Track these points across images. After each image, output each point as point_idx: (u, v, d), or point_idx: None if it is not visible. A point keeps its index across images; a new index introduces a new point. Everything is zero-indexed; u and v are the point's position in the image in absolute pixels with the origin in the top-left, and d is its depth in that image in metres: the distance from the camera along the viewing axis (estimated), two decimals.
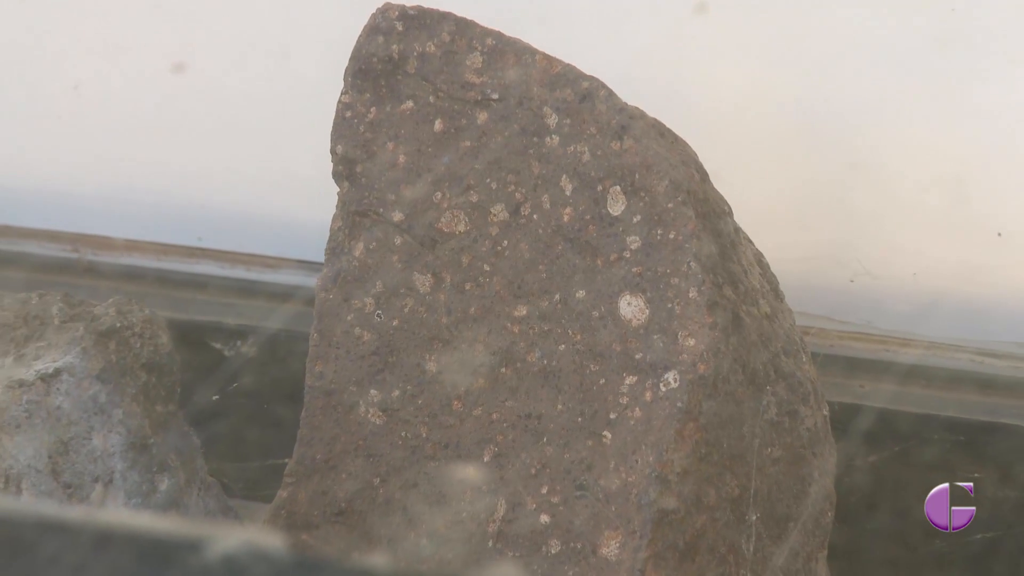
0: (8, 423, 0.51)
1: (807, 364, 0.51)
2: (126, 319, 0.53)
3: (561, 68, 0.49)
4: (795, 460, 0.49)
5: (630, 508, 0.47)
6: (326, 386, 0.52)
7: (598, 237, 0.48)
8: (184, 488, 0.54)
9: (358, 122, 0.51)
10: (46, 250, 0.66)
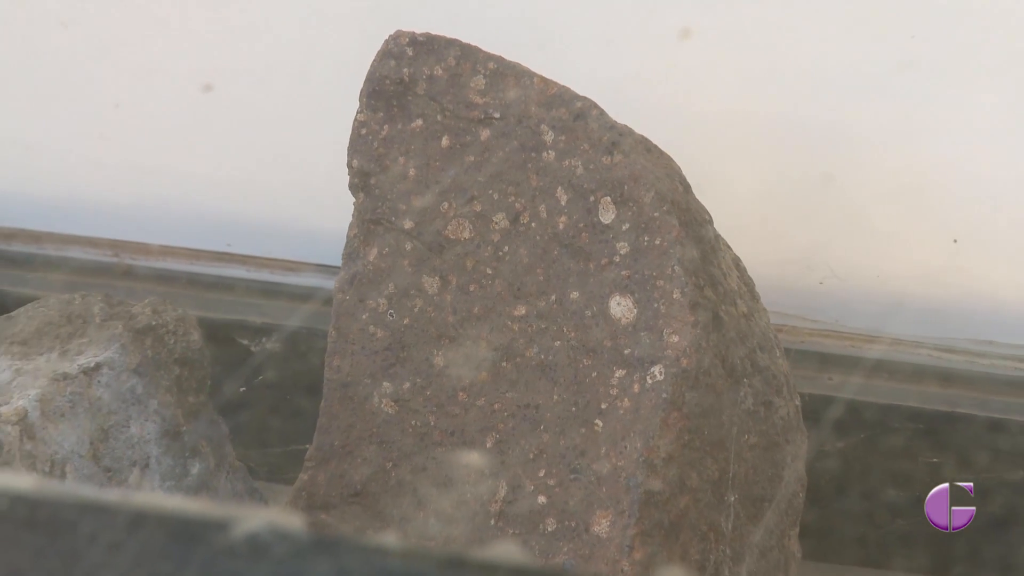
0: (53, 412, 0.50)
1: (781, 359, 0.51)
2: (161, 318, 0.53)
3: (557, 89, 0.49)
4: (770, 446, 0.49)
5: (619, 490, 0.47)
6: (343, 379, 0.52)
7: (590, 243, 0.48)
8: (214, 472, 0.54)
9: (372, 138, 0.51)
10: (88, 255, 0.66)
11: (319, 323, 0.59)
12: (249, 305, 0.64)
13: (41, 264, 0.66)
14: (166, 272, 0.65)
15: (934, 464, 0.59)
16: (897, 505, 0.60)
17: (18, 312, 0.55)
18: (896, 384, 0.60)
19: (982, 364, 0.60)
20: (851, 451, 0.59)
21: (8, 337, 0.53)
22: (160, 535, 0.29)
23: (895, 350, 0.60)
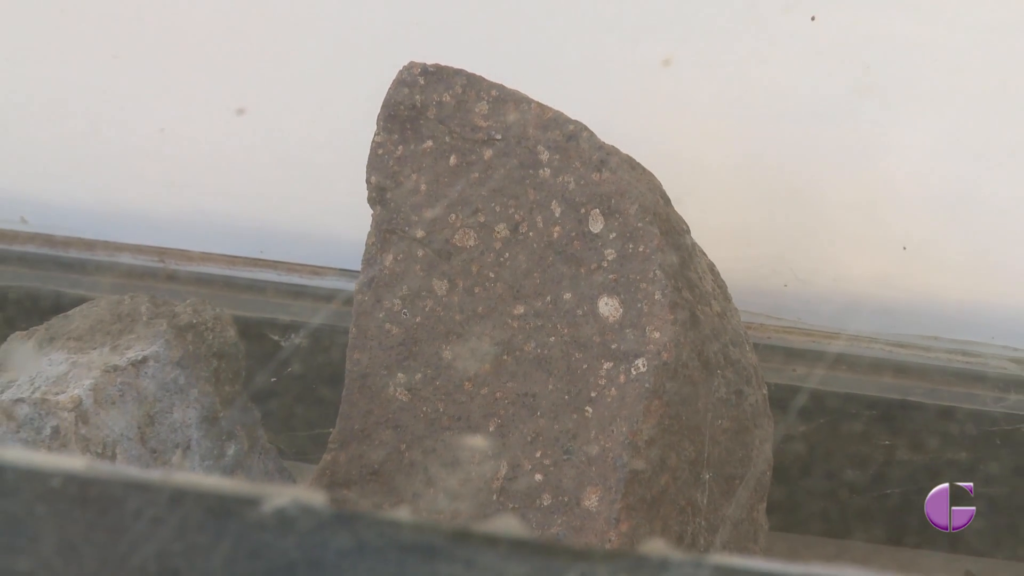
0: (105, 400, 0.50)
1: (750, 353, 0.51)
2: (200, 316, 0.53)
3: (552, 114, 0.49)
4: (741, 430, 0.50)
5: (607, 469, 0.47)
6: (362, 370, 0.52)
7: (581, 250, 0.48)
8: (247, 453, 0.54)
9: (388, 157, 0.51)
10: (136, 260, 0.66)
11: (341, 321, 0.59)
12: (278, 305, 0.64)
13: (94, 268, 0.66)
14: (205, 276, 0.65)
15: (888, 447, 0.59)
16: (855, 483, 0.60)
17: (73, 311, 0.55)
18: (854, 375, 0.60)
19: (930, 357, 0.60)
20: (814, 435, 0.59)
21: (65, 334, 0.53)
22: (198, 510, 0.29)
23: (853, 345, 0.60)
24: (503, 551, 0.29)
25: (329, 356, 0.61)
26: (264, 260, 0.66)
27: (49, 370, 0.51)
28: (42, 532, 0.28)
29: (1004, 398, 0.59)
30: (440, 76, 0.50)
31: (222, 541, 0.28)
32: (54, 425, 0.49)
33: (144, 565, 0.27)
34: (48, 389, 0.50)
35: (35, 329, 0.54)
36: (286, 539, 0.28)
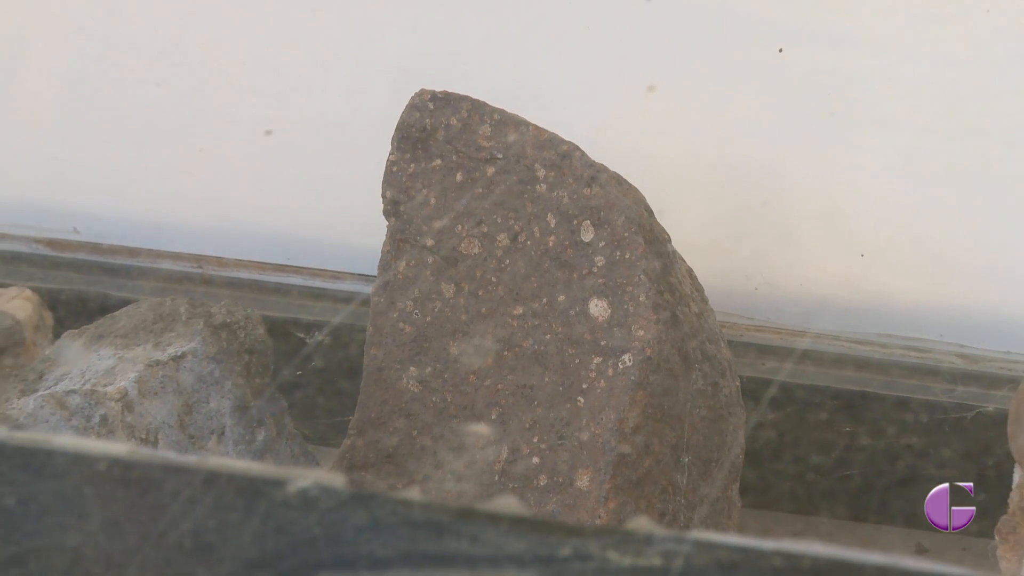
0: (149, 391, 0.50)
1: (725, 349, 0.51)
2: (233, 316, 0.53)
3: (547, 135, 0.49)
4: (716, 418, 0.50)
5: (597, 453, 0.47)
6: (378, 364, 0.52)
7: (574, 257, 0.48)
8: (275, 439, 0.54)
9: (401, 174, 0.51)
10: (175, 266, 0.66)
11: (359, 320, 0.59)
12: (303, 306, 0.64)
13: (137, 273, 0.66)
14: (237, 280, 0.65)
15: (850, 433, 0.59)
16: (820, 466, 0.60)
17: (120, 312, 0.55)
18: (818, 369, 0.60)
19: (886, 353, 0.60)
20: (782, 422, 0.59)
21: (112, 332, 0.53)
22: (230, 490, 0.29)
23: (817, 342, 0.60)
24: (504, 528, 0.28)
25: (348, 352, 0.61)
26: (290, 266, 0.66)
27: (98, 364, 0.51)
28: (89, 511, 0.28)
29: (953, 389, 0.58)
30: (448, 101, 0.50)
31: (251, 519, 0.28)
32: (102, 414, 0.49)
33: (181, 541, 0.27)
34: (97, 381, 0.50)
35: (85, 328, 0.54)
36: (309, 517, 0.28)
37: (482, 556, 0.27)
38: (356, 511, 0.28)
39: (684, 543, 0.27)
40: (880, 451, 0.58)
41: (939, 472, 0.58)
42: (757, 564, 0.27)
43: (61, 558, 0.26)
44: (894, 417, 0.58)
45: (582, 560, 0.27)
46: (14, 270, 0.65)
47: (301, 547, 0.27)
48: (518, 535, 0.28)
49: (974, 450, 0.57)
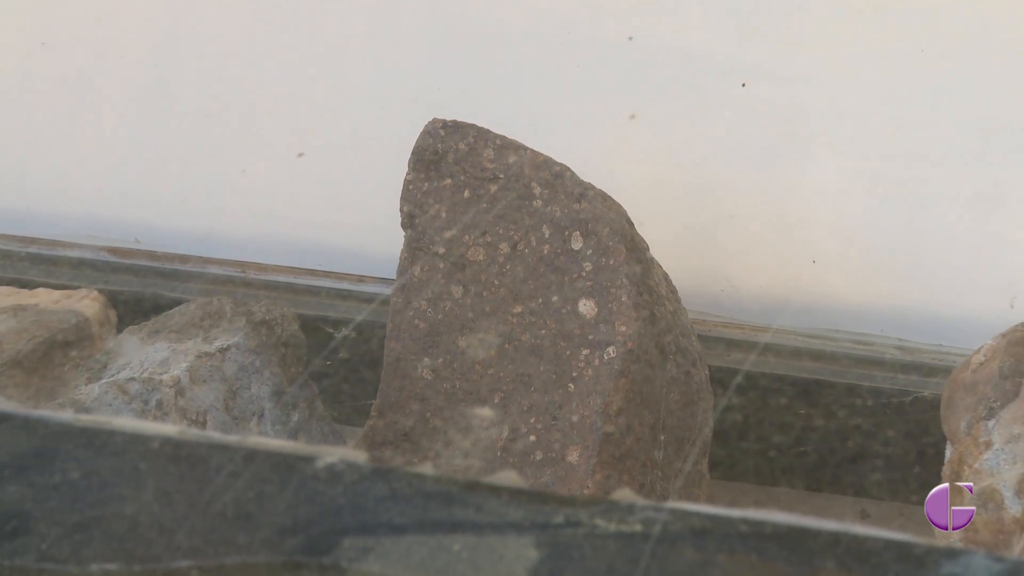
0: (198, 379, 0.50)
1: (696, 342, 0.51)
2: (271, 314, 0.53)
3: (543, 158, 0.49)
4: (689, 403, 0.49)
5: (586, 432, 0.46)
6: (396, 356, 0.52)
7: (566, 263, 0.48)
8: (307, 420, 0.53)
9: (416, 191, 0.51)
10: (221, 271, 0.66)
11: (379, 318, 0.59)
12: (331, 305, 0.63)
13: (187, 277, 0.65)
14: (274, 282, 0.65)
15: (806, 415, 0.59)
16: (780, 444, 0.59)
17: (173, 311, 0.54)
18: (779, 360, 0.60)
19: (836, 346, 0.60)
20: (747, 406, 0.59)
21: (167, 328, 0.53)
22: (266, 466, 0.29)
23: (777, 337, 0.60)
24: (505, 498, 0.28)
25: (370, 345, 0.60)
26: (320, 270, 0.66)
27: (154, 356, 0.51)
28: (144, 483, 0.27)
29: (894, 377, 0.58)
30: (456, 129, 0.50)
31: (285, 490, 0.28)
32: (158, 398, 0.49)
33: (223, 510, 0.27)
34: (154, 370, 0.50)
35: (143, 324, 0.54)
36: (335, 488, 0.28)
37: (486, 523, 0.27)
38: (377, 484, 0.28)
39: (662, 512, 0.27)
40: (832, 431, 0.58)
41: (884, 449, 0.57)
42: (725, 530, 0.26)
43: (119, 525, 0.26)
44: (844, 402, 0.58)
45: (573, 527, 0.27)
46: (83, 274, 0.65)
47: (328, 515, 0.27)
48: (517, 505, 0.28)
49: (913, 430, 0.57)
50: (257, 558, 0.27)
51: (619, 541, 0.27)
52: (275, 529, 0.27)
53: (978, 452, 0.45)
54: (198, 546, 0.27)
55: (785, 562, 0.27)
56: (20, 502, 0.27)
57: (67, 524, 0.27)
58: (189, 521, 0.27)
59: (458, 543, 0.27)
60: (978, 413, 0.45)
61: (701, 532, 0.27)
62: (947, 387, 0.48)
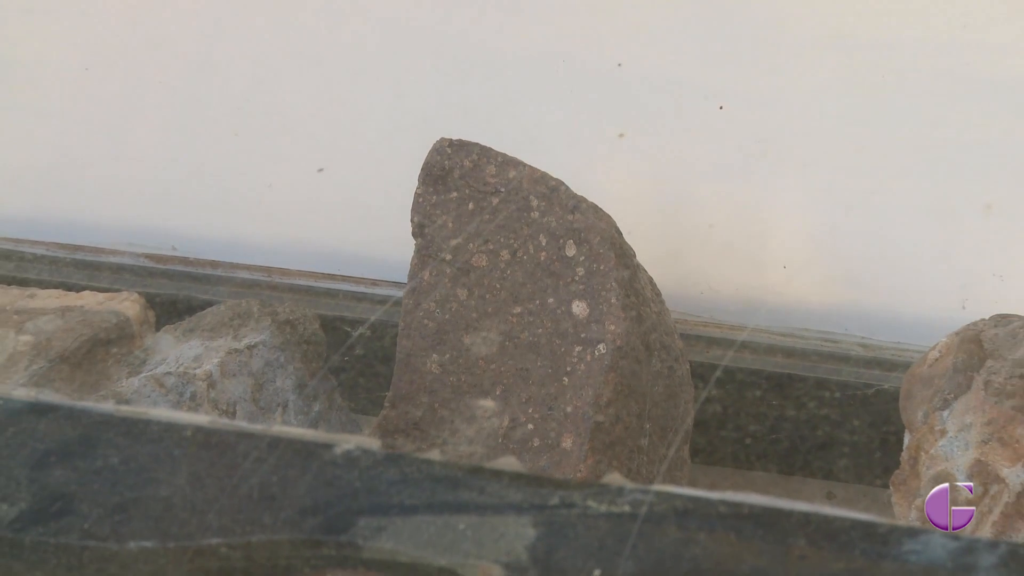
0: (228, 373, 0.50)
1: (678, 340, 0.51)
2: (294, 314, 0.53)
3: (540, 173, 0.49)
4: (672, 395, 0.49)
5: (578, 421, 0.46)
6: (407, 352, 0.51)
7: (560, 268, 0.48)
8: (327, 410, 0.53)
9: (425, 203, 0.51)
10: (249, 275, 0.66)
11: (392, 318, 0.59)
12: (348, 306, 0.63)
13: (218, 281, 0.66)
14: (297, 286, 0.65)
15: (779, 406, 0.58)
16: (755, 432, 0.59)
17: (206, 311, 0.54)
18: (754, 356, 0.59)
19: (806, 343, 0.60)
20: (725, 398, 0.59)
21: (201, 327, 0.53)
22: (289, 452, 0.29)
23: (752, 335, 0.60)
24: (505, 481, 0.28)
25: (383, 343, 0.60)
26: (338, 275, 0.66)
27: (188, 352, 0.51)
28: (178, 468, 0.27)
29: (858, 371, 0.58)
30: (462, 147, 0.50)
31: (306, 474, 0.28)
32: (192, 390, 0.49)
33: (250, 492, 0.26)
34: (188, 365, 0.50)
35: (179, 324, 0.54)
36: (351, 473, 0.28)
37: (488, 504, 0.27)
38: (389, 468, 0.28)
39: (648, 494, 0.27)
40: (802, 420, 0.58)
41: (849, 437, 0.57)
42: (706, 511, 0.26)
43: (155, 506, 0.26)
44: (813, 394, 0.58)
45: (567, 507, 0.27)
46: (124, 278, 0.65)
47: (345, 497, 0.27)
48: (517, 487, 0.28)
49: (876, 420, 0.57)
50: (280, 536, 0.26)
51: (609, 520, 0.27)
52: (296, 510, 0.27)
53: (934, 439, 0.45)
54: (227, 525, 0.27)
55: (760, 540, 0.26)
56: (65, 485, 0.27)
57: (108, 505, 0.27)
58: (218, 502, 0.27)
59: (463, 522, 0.27)
60: (934, 404, 0.45)
61: (684, 512, 0.27)
62: (906, 381, 0.48)
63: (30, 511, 0.27)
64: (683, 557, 0.26)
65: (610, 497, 0.28)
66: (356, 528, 0.27)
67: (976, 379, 0.45)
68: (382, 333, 0.61)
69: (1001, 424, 0.43)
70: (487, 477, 0.28)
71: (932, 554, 0.27)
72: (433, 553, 0.27)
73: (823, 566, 0.26)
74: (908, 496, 0.45)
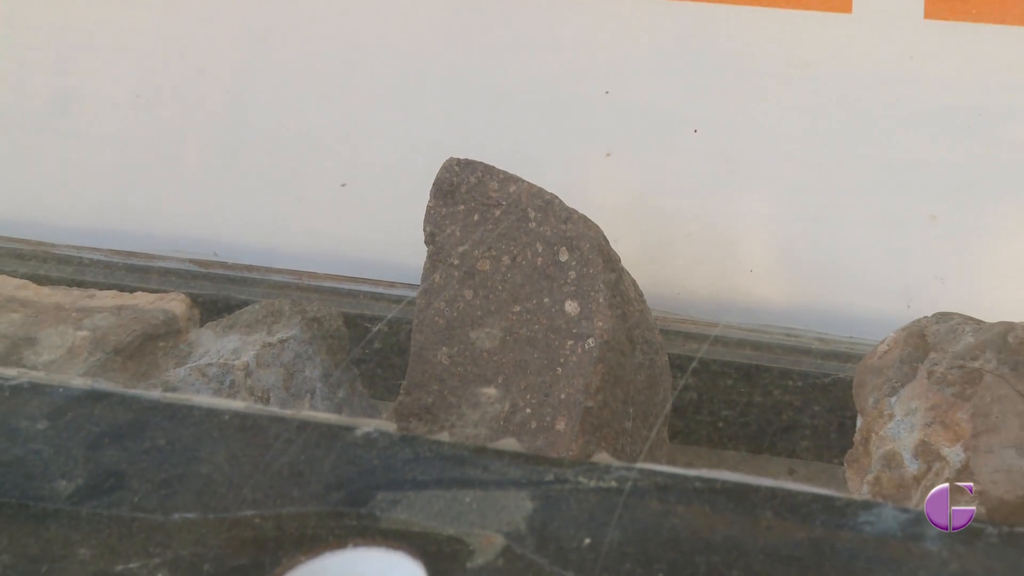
0: (263, 364, 0.50)
1: (658, 335, 0.50)
2: (321, 312, 0.53)
3: (537, 188, 0.49)
4: (652, 383, 0.49)
5: (570, 406, 0.46)
6: (420, 345, 0.51)
7: (555, 272, 0.48)
8: (349, 396, 0.53)
9: (436, 215, 0.51)
10: (281, 278, 0.65)
11: (406, 315, 0.58)
12: (368, 305, 0.63)
13: (254, 283, 0.66)
14: (324, 288, 0.65)
15: (747, 393, 0.58)
16: (727, 416, 0.59)
17: (243, 310, 0.54)
18: (726, 349, 0.59)
19: (771, 338, 0.60)
20: (700, 386, 0.58)
21: (239, 324, 0.53)
22: (316, 434, 0.28)
23: (723, 331, 0.59)
24: (506, 460, 0.28)
25: (399, 337, 0.60)
26: (359, 278, 0.65)
27: (228, 346, 0.51)
28: (216, 449, 0.27)
29: (817, 363, 0.58)
30: (468, 165, 0.50)
31: (330, 454, 0.28)
32: (231, 379, 0.49)
33: (280, 469, 0.26)
34: (227, 357, 0.50)
35: (219, 321, 0.54)
36: (370, 452, 0.28)
37: (491, 480, 0.27)
38: (404, 448, 0.28)
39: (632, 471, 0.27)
40: (768, 406, 0.58)
41: (810, 420, 0.57)
42: (683, 486, 0.26)
43: (197, 481, 0.25)
44: (778, 383, 0.58)
45: (561, 483, 0.27)
46: (171, 281, 0.65)
47: (365, 474, 0.27)
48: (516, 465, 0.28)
49: (833, 405, 0.57)
50: (307, 509, 0.26)
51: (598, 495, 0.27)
52: (322, 485, 0.27)
53: (883, 422, 0.45)
54: (260, 499, 0.26)
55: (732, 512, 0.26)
56: (117, 463, 0.27)
57: (155, 481, 0.27)
58: (253, 478, 0.27)
59: (469, 496, 0.27)
60: (883, 391, 0.45)
61: (664, 487, 0.27)
62: (858, 371, 0.48)
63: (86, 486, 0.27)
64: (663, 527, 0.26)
65: (598, 474, 0.28)
66: (374, 501, 0.27)
67: (920, 369, 0.45)
68: (398, 329, 0.61)
69: (943, 409, 0.43)
70: (490, 456, 0.28)
71: (884, 525, 0.27)
72: (442, 524, 0.27)
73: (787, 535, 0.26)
74: (860, 472, 0.45)
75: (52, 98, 0.66)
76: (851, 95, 0.56)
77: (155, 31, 0.64)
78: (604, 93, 0.59)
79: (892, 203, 0.57)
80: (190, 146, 0.66)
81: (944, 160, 0.56)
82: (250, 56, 0.64)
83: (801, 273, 0.60)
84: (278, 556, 0.25)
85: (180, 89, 0.65)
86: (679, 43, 0.58)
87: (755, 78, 0.57)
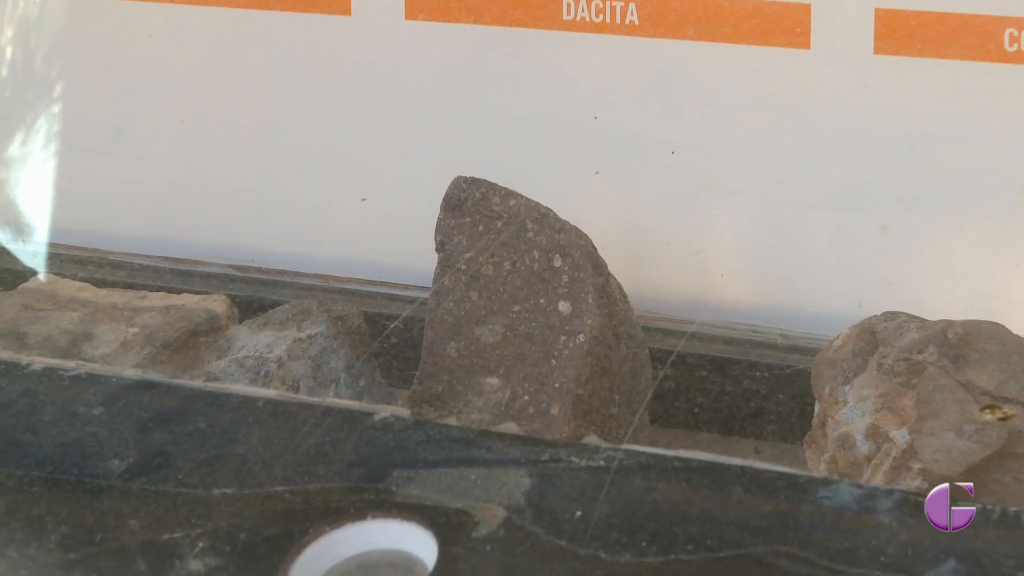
0: (294, 356, 0.50)
1: (640, 331, 0.50)
2: (344, 311, 0.53)
3: (534, 202, 0.49)
4: (635, 374, 0.49)
5: (563, 394, 0.46)
6: (431, 340, 0.51)
7: (550, 276, 0.48)
8: (370, 386, 0.53)
9: (445, 226, 0.50)
10: (310, 281, 0.65)
11: (420, 314, 0.58)
12: (386, 305, 0.63)
13: (285, 286, 0.65)
14: (347, 290, 0.64)
15: (720, 383, 0.58)
16: (702, 403, 0.59)
17: (276, 309, 0.54)
18: (701, 343, 0.59)
19: (740, 334, 0.60)
20: (678, 376, 0.58)
21: (272, 321, 0.53)
22: (339, 418, 0.28)
23: (698, 328, 0.59)
24: (507, 442, 0.28)
25: (412, 333, 0.60)
26: (378, 281, 0.65)
27: (262, 341, 0.51)
28: (251, 432, 0.27)
29: (780, 356, 0.58)
30: (473, 183, 0.50)
31: (351, 436, 0.28)
32: (266, 370, 0.49)
33: (307, 449, 0.26)
34: (262, 351, 0.50)
35: (255, 319, 0.54)
36: (387, 435, 0.28)
37: (494, 459, 0.27)
38: (417, 431, 0.28)
39: (618, 451, 0.27)
40: (738, 394, 0.58)
41: (775, 407, 0.57)
42: (663, 465, 0.26)
43: (233, 461, 0.25)
44: (747, 374, 0.58)
45: (555, 462, 0.27)
46: (213, 284, 0.65)
47: (382, 454, 0.27)
48: (516, 446, 0.28)
49: (795, 393, 0.57)
50: (331, 485, 0.26)
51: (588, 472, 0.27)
52: (344, 464, 0.27)
53: (838, 408, 0.45)
54: (290, 476, 0.26)
55: (707, 488, 0.26)
56: (163, 444, 0.27)
57: (197, 460, 0.27)
58: (283, 458, 0.27)
59: (474, 474, 0.27)
60: (837, 381, 0.45)
61: (646, 466, 0.27)
62: (815, 363, 0.48)
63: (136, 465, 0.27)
64: (645, 501, 0.26)
65: (588, 454, 0.28)
66: (391, 478, 0.27)
67: (871, 361, 0.45)
68: (412, 326, 0.61)
69: (890, 397, 0.43)
70: (493, 438, 0.28)
71: (841, 499, 0.27)
72: (451, 498, 0.27)
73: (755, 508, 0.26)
74: (818, 452, 0.45)
75: (110, 127, 0.67)
76: (810, 121, 0.56)
77: (197, 66, 0.65)
78: (593, 119, 0.59)
79: (847, 216, 0.57)
80: (230, 166, 0.67)
81: (893, 179, 0.56)
82: (282, 88, 0.64)
83: (766, 278, 0.60)
84: (305, 527, 0.25)
85: (220, 117, 0.66)
86: (658, 76, 0.58)
87: (725, 106, 0.57)
